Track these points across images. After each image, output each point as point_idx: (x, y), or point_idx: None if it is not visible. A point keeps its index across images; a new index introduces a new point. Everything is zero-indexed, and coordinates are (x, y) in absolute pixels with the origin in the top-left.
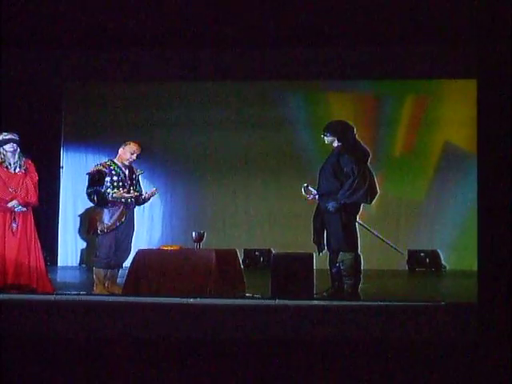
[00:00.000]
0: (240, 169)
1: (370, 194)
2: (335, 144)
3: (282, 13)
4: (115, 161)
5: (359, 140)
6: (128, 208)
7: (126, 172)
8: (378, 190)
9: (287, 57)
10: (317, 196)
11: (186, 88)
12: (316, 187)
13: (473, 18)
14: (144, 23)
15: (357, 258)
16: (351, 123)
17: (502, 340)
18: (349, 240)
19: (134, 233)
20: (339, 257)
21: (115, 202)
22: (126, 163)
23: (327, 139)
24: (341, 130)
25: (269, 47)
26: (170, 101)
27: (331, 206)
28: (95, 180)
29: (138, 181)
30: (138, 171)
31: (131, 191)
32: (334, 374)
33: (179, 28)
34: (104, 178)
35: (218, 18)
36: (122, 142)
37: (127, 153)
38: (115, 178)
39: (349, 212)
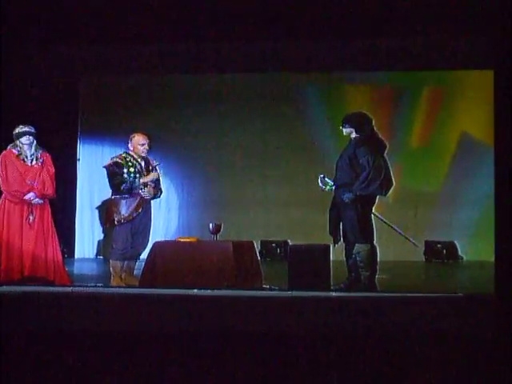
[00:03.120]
0: (257, 160)
1: (386, 186)
2: (353, 135)
3: (300, 5)
4: (130, 153)
5: (377, 132)
6: (145, 199)
7: (142, 163)
8: (394, 182)
9: (304, 49)
10: (333, 187)
11: (203, 79)
12: (333, 178)
13: (489, 9)
14: (160, 16)
15: (373, 250)
16: (370, 115)
17: None
18: (364, 231)
19: (152, 224)
20: (355, 248)
21: (133, 193)
22: (143, 154)
23: (345, 130)
24: (359, 121)
25: (286, 39)
26: (186, 92)
27: (347, 197)
28: (114, 172)
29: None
30: (155, 162)
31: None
32: (351, 365)
33: (196, 20)
34: (122, 170)
35: (235, 10)
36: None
37: (137, 145)
38: (132, 169)
39: (365, 203)
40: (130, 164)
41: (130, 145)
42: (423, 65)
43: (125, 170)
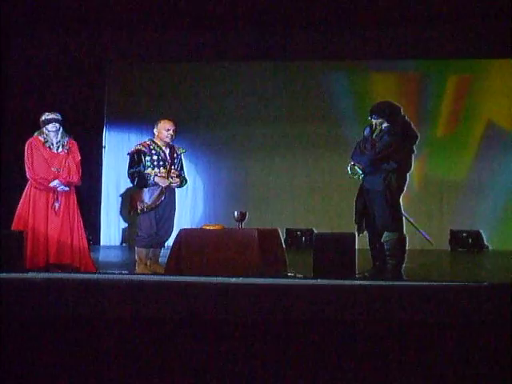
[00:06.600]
0: (283, 149)
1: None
2: (384, 125)
3: None
4: (155, 140)
5: (409, 121)
6: (168, 187)
7: (167, 151)
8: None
9: (331, 37)
10: (362, 176)
11: (229, 67)
12: (362, 167)
13: None
14: (188, 4)
15: (401, 238)
16: (397, 103)
17: None
18: (394, 220)
19: (176, 212)
20: (384, 236)
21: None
22: (168, 140)
23: (375, 121)
24: (389, 111)
25: (312, 28)
26: (213, 80)
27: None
28: (135, 160)
29: (180, 160)
30: (180, 150)
31: (172, 170)
32: (376, 353)
33: (225, 8)
34: (144, 158)
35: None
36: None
37: (162, 131)
38: (155, 157)
39: (394, 192)
40: (153, 152)
41: (155, 130)
42: (449, 53)
43: (147, 158)
